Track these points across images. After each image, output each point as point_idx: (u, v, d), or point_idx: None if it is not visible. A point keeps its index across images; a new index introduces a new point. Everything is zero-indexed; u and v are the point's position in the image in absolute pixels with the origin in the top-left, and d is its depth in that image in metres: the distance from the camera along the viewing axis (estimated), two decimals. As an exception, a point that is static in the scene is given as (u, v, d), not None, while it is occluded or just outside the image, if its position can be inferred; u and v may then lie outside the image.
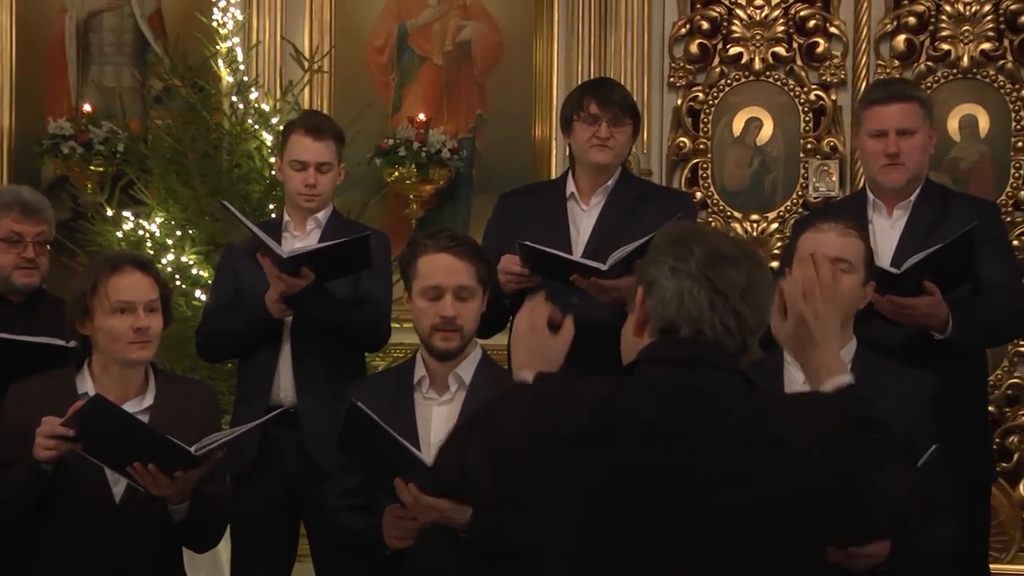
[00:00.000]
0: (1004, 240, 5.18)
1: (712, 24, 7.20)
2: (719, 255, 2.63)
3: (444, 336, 4.22)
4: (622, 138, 5.18)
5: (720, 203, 7.15)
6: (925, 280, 4.66)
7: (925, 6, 7.00)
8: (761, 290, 2.65)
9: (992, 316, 4.88)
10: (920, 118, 5.01)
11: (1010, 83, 6.90)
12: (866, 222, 5.02)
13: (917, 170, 5.02)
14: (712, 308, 2.61)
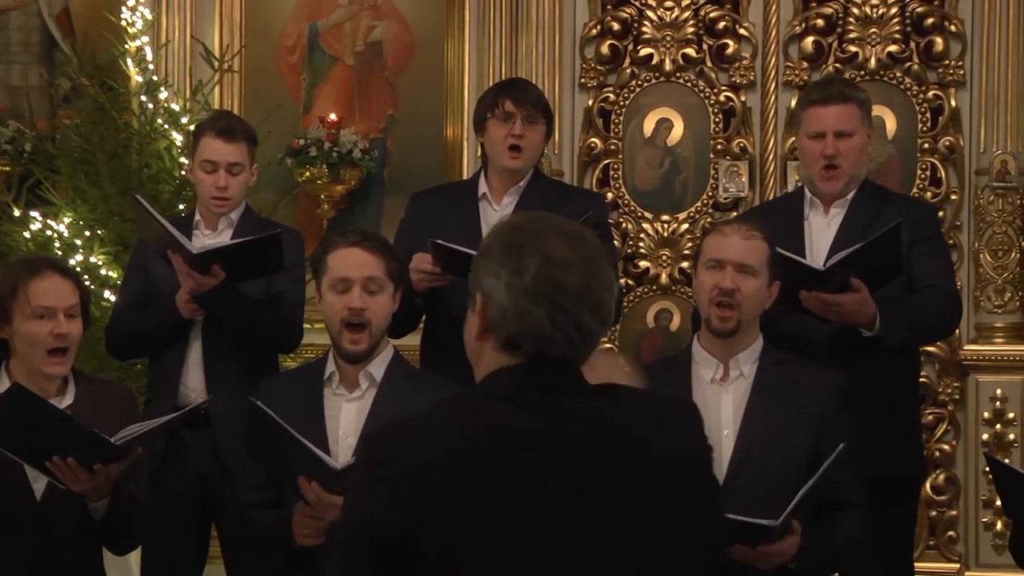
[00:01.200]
0: (939, 240, 5.20)
1: (623, 25, 7.23)
2: (554, 262, 2.55)
3: (353, 338, 4.22)
4: (535, 138, 5.19)
5: (631, 204, 7.18)
6: (852, 277, 4.70)
7: (833, 8, 7.06)
8: (600, 291, 2.57)
9: (922, 314, 4.92)
10: (858, 119, 5.04)
11: (916, 85, 6.97)
12: (802, 220, 5.06)
13: (854, 171, 5.04)
14: (554, 325, 2.53)
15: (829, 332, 4.78)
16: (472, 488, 2.49)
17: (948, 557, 6.85)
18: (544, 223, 2.63)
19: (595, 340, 2.60)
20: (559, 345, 2.55)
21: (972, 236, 6.89)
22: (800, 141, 5.14)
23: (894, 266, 4.78)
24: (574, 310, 2.55)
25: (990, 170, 6.80)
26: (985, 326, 6.82)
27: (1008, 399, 6.69)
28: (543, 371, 2.57)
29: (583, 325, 2.56)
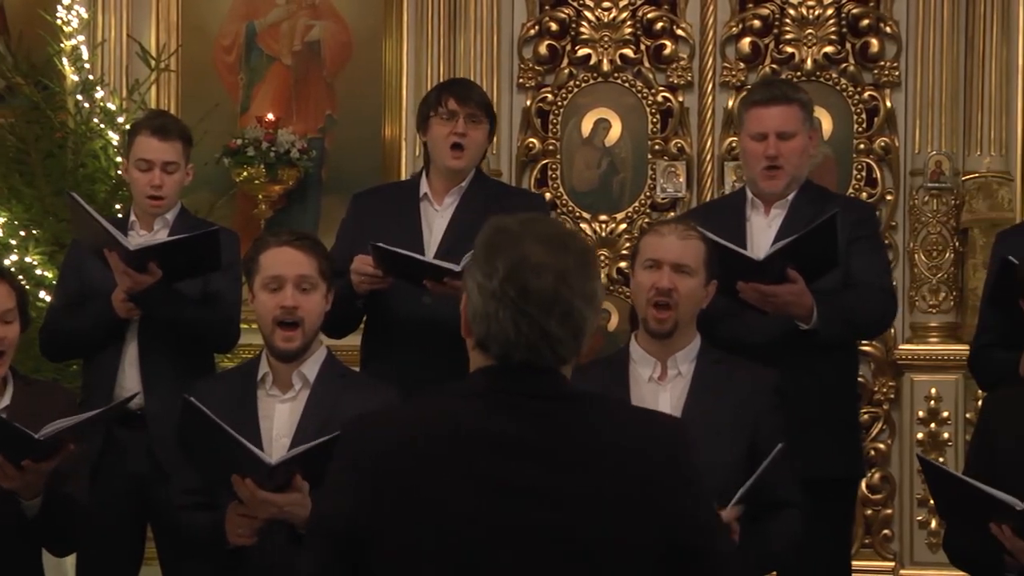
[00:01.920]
0: (877, 239, 5.24)
1: (561, 25, 7.24)
2: (525, 266, 2.54)
3: (286, 336, 4.22)
4: (478, 137, 5.19)
5: (569, 204, 7.19)
6: (789, 268, 4.72)
7: (769, 9, 7.10)
8: (571, 299, 2.56)
9: (859, 310, 4.95)
10: (800, 120, 5.05)
11: (852, 86, 7.02)
12: (744, 220, 5.07)
13: (796, 172, 5.06)
14: (517, 330, 2.54)
15: (767, 335, 4.81)
16: (427, 485, 2.51)
17: (883, 555, 6.89)
18: (530, 226, 2.62)
19: (564, 348, 2.58)
20: (522, 350, 2.56)
21: (907, 236, 6.94)
22: (742, 142, 5.16)
23: (830, 258, 4.81)
24: (539, 317, 2.54)
25: (925, 171, 6.85)
26: (920, 326, 6.87)
27: (942, 398, 6.74)
28: (514, 374, 2.58)
29: (549, 333, 2.55)
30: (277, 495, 3.95)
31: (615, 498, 2.53)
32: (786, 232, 4.93)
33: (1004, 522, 3.85)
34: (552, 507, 2.50)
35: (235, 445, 3.89)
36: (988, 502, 3.84)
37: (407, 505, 2.51)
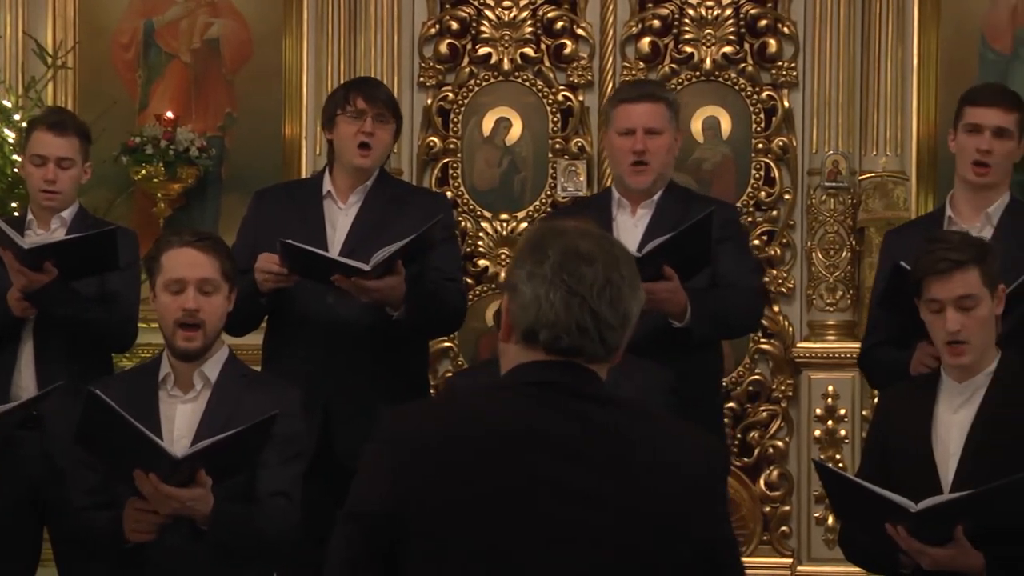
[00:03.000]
0: (743, 239, 5.33)
1: (462, 24, 7.24)
2: (575, 254, 2.60)
3: (186, 336, 4.20)
4: (385, 136, 5.20)
5: (470, 202, 7.20)
6: (664, 265, 4.76)
7: (669, 9, 7.13)
8: (621, 286, 2.61)
9: (729, 309, 5.02)
10: (667, 119, 5.11)
11: (751, 86, 7.07)
12: (610, 219, 5.10)
13: (662, 170, 5.11)
14: (568, 310, 2.57)
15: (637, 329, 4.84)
16: (466, 480, 2.54)
17: (781, 552, 6.95)
18: (573, 227, 2.68)
19: (613, 336, 2.62)
20: (572, 334, 2.59)
21: (804, 235, 6.99)
22: (609, 139, 5.21)
23: (703, 256, 4.87)
24: (590, 299, 2.59)
25: (822, 170, 6.91)
26: (817, 324, 6.93)
27: (840, 396, 6.80)
28: (561, 369, 2.61)
29: (599, 315, 2.59)
30: (180, 490, 3.93)
31: (650, 507, 2.55)
32: (653, 231, 4.98)
33: (899, 523, 3.90)
34: (591, 509, 2.53)
35: (139, 438, 3.87)
36: (883, 504, 3.89)
37: (444, 499, 2.54)
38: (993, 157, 4.84)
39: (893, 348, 4.85)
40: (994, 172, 4.88)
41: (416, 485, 2.55)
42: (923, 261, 4.14)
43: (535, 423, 2.57)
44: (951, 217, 4.95)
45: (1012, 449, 4.04)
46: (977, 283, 4.09)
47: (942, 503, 3.89)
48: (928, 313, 4.15)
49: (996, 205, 4.92)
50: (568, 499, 2.53)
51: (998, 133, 4.85)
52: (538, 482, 2.53)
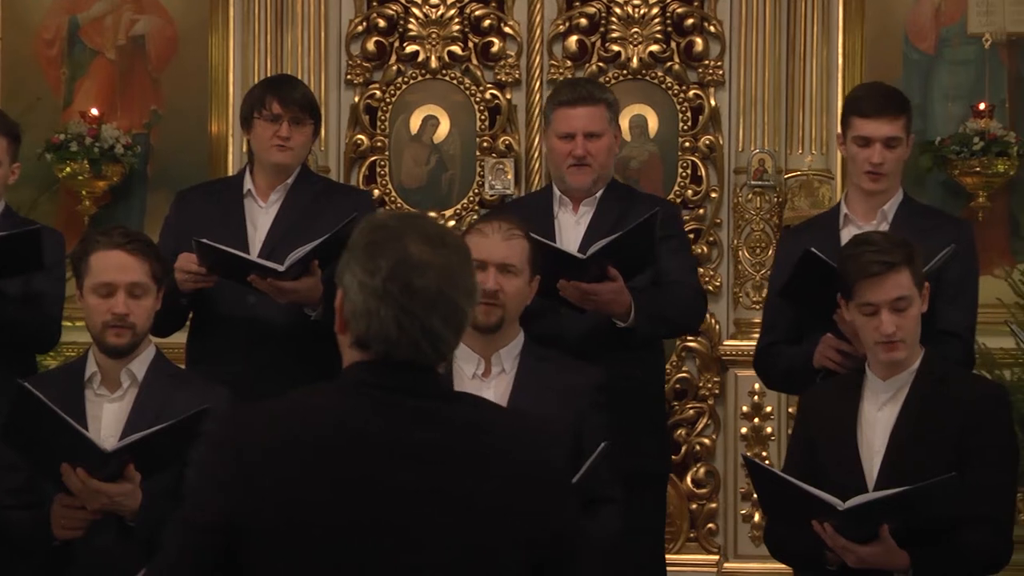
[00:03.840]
0: (683, 238, 5.34)
1: (389, 22, 7.22)
2: (408, 264, 2.55)
3: (116, 332, 4.18)
4: (302, 138, 5.19)
5: (398, 200, 7.18)
6: (608, 266, 4.77)
7: (596, 8, 7.15)
8: (455, 297, 2.57)
9: (672, 307, 5.04)
10: (606, 120, 5.13)
11: (677, 84, 7.09)
12: (552, 217, 5.12)
13: (602, 171, 5.13)
14: (400, 328, 2.53)
15: (581, 331, 4.86)
16: (304, 482, 2.50)
17: (708, 549, 6.98)
18: (411, 224, 2.62)
19: (446, 346, 2.59)
20: (404, 349, 2.55)
21: (731, 233, 7.03)
22: (549, 141, 5.22)
23: (647, 257, 4.89)
24: (423, 315, 2.54)
25: (748, 169, 6.95)
26: (744, 322, 6.97)
27: (766, 393, 6.82)
28: (393, 370, 2.57)
29: (432, 331, 2.55)
30: (109, 485, 3.91)
31: (492, 501, 2.54)
32: (595, 229, 5.00)
33: (826, 520, 3.93)
34: (430, 507, 2.51)
35: (68, 431, 3.85)
36: (812, 501, 3.93)
37: (283, 502, 2.50)
38: (885, 167, 4.88)
39: (788, 346, 4.90)
40: (886, 179, 4.92)
41: (253, 492, 2.51)
42: (854, 264, 4.15)
43: (375, 424, 2.54)
44: (847, 215, 5.00)
45: (935, 446, 4.09)
46: (909, 284, 4.13)
47: (869, 502, 3.92)
48: (860, 316, 4.17)
49: (891, 203, 4.96)
50: (412, 499, 2.51)
51: (888, 143, 4.88)
52: (381, 484, 2.50)
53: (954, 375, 4.27)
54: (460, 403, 2.63)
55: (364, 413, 2.55)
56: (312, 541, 2.50)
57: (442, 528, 2.51)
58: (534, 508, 2.57)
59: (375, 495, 2.50)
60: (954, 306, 4.79)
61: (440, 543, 2.51)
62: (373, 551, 2.49)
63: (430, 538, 2.51)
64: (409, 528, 2.50)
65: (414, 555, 2.50)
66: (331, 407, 2.58)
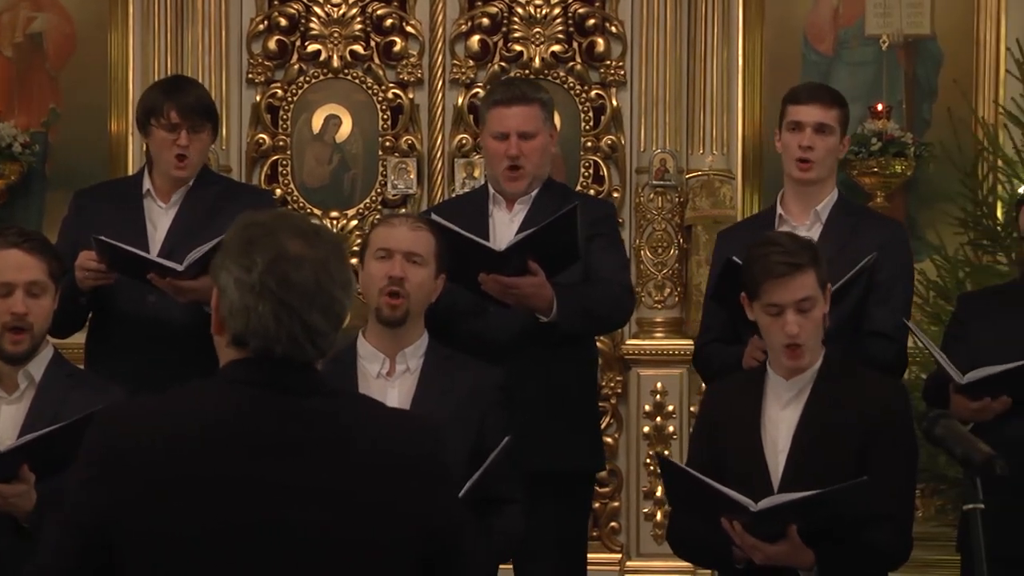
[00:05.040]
0: (615, 237, 5.34)
1: (290, 21, 7.20)
2: (284, 258, 2.54)
3: (14, 339, 4.15)
4: (201, 145, 5.18)
5: (300, 200, 7.16)
6: (530, 260, 4.78)
7: (498, 8, 7.16)
8: (332, 290, 2.57)
9: (597, 303, 5.04)
10: (541, 120, 5.12)
11: (579, 84, 7.12)
12: (487, 216, 5.13)
13: (537, 171, 5.13)
14: (278, 322, 2.52)
15: (508, 332, 4.87)
16: (181, 482, 2.48)
17: (610, 547, 7.01)
18: (282, 219, 2.62)
19: (326, 340, 2.58)
20: (283, 344, 2.54)
21: (633, 233, 7.06)
22: (484, 140, 5.22)
23: (570, 252, 4.89)
24: (300, 309, 2.53)
25: (650, 169, 6.98)
26: (646, 321, 7.00)
27: (668, 392, 6.87)
28: (272, 368, 2.56)
29: (310, 325, 2.54)
30: (2, 486, 3.88)
31: (371, 497, 2.53)
32: (528, 227, 5.00)
33: (736, 519, 3.96)
34: (308, 505, 2.49)
35: None
36: (724, 501, 3.95)
37: (155, 502, 2.48)
38: (815, 153, 4.93)
39: (725, 344, 4.93)
40: (817, 168, 4.96)
41: (125, 491, 2.49)
42: (759, 264, 4.17)
43: (250, 422, 2.53)
44: (782, 215, 5.03)
45: (838, 445, 4.12)
46: (814, 285, 4.15)
47: (781, 504, 3.95)
48: (765, 316, 4.18)
49: (825, 203, 5.00)
50: (290, 497, 2.50)
51: (819, 129, 4.93)
52: (257, 482, 2.49)
53: (856, 375, 4.31)
54: (337, 399, 2.62)
55: (239, 411, 2.53)
56: (185, 541, 2.48)
57: (322, 526, 2.50)
58: (414, 502, 2.56)
59: (251, 494, 2.49)
60: (885, 307, 4.84)
61: (320, 541, 2.50)
62: (251, 551, 2.48)
63: (310, 536, 2.49)
64: (287, 526, 2.49)
65: (294, 554, 2.49)
66: (206, 405, 2.56)
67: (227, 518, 2.48)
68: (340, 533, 2.51)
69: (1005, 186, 6.60)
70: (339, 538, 2.51)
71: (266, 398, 2.54)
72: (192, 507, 2.48)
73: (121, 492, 2.49)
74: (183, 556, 2.48)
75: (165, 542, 2.48)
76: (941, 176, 6.90)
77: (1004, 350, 4.66)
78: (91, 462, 2.54)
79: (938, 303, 6.45)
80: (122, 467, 2.50)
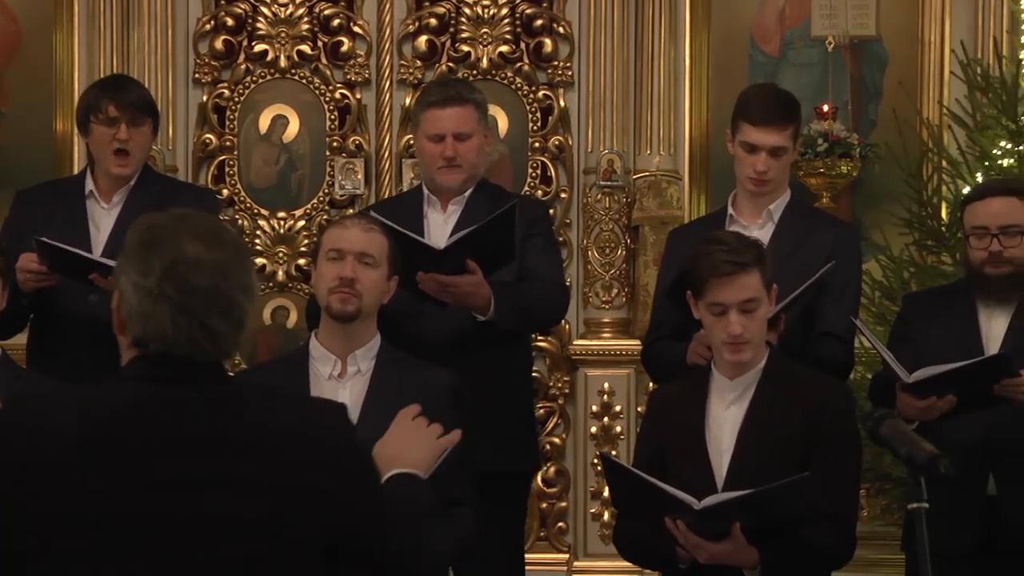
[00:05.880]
0: (551, 236, 5.38)
1: (237, 21, 7.17)
2: (181, 262, 2.54)
3: None
4: (141, 139, 5.16)
5: (247, 200, 7.14)
6: (468, 259, 4.79)
7: (446, 8, 7.15)
8: (231, 293, 2.56)
9: (534, 302, 5.06)
10: (476, 120, 5.14)
11: (527, 85, 7.12)
12: (422, 217, 5.13)
13: (472, 171, 5.15)
14: (176, 326, 2.52)
15: (447, 333, 4.87)
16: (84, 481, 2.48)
17: (558, 548, 7.02)
18: (182, 222, 2.60)
19: (227, 341, 2.58)
20: (183, 346, 2.54)
21: (581, 233, 7.08)
22: (419, 141, 5.23)
23: (507, 251, 4.90)
24: (200, 313, 2.53)
25: (597, 169, 7.00)
26: (593, 321, 7.01)
27: (615, 392, 6.89)
28: (174, 364, 2.55)
29: (210, 327, 2.54)
30: None
31: (283, 486, 2.53)
32: (463, 228, 5.00)
33: (680, 518, 3.97)
34: (218, 498, 2.50)
35: None
36: (667, 500, 3.96)
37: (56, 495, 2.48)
38: (769, 174, 4.93)
39: (672, 342, 4.94)
40: (772, 184, 4.97)
41: (27, 482, 2.49)
42: (704, 263, 4.17)
43: (149, 417, 2.53)
44: (732, 216, 5.04)
45: (782, 444, 4.14)
46: (758, 285, 4.16)
47: (724, 502, 3.96)
48: (709, 315, 4.20)
49: (777, 203, 5.01)
50: (195, 491, 2.50)
51: (774, 152, 4.92)
52: (157, 477, 2.49)
53: (799, 374, 4.33)
54: (244, 392, 2.63)
55: (141, 408, 2.53)
56: (87, 536, 2.48)
57: (229, 517, 2.50)
58: (317, 479, 2.56)
59: (149, 488, 2.48)
60: (836, 308, 4.86)
61: (228, 532, 2.50)
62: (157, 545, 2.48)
63: (217, 528, 2.50)
64: (195, 519, 2.49)
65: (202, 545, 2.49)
66: (107, 401, 2.56)
67: (124, 512, 2.48)
68: (254, 525, 2.51)
69: (949, 187, 6.64)
70: (253, 529, 2.51)
71: (166, 393, 2.54)
72: (89, 501, 2.47)
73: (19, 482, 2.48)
74: (91, 556, 2.47)
75: (70, 544, 2.47)
76: (886, 177, 6.93)
77: (949, 350, 4.69)
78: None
79: (883, 303, 6.48)
80: (20, 456, 2.50)
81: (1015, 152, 6.39)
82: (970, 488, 4.68)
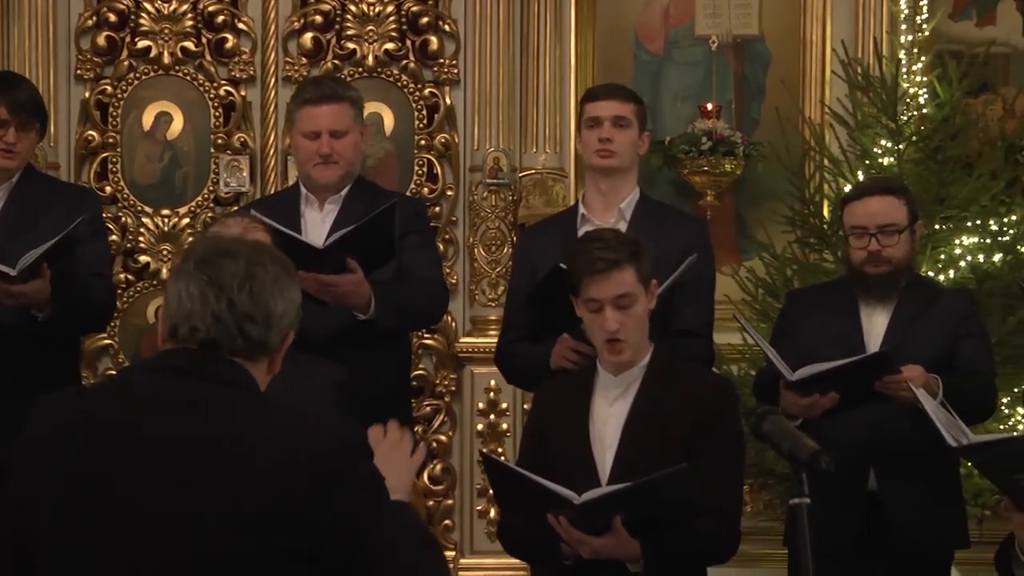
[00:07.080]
0: (427, 234, 5.39)
1: (120, 17, 7.11)
2: (218, 250, 2.66)
3: None
4: (28, 143, 5.15)
5: (130, 198, 7.08)
6: (348, 258, 4.79)
7: (331, 5, 7.13)
8: (264, 280, 2.64)
9: (412, 299, 5.08)
10: (351, 118, 5.15)
11: (413, 82, 7.12)
12: (298, 215, 5.12)
13: (349, 168, 5.16)
14: (204, 300, 2.60)
15: (328, 329, 4.86)
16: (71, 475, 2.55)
17: (444, 545, 7.02)
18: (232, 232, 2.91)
19: (254, 329, 2.63)
20: (208, 323, 2.60)
21: (467, 231, 7.08)
22: (295, 139, 5.22)
23: (387, 249, 4.92)
24: (228, 289, 2.61)
25: (483, 167, 7.01)
26: (480, 319, 7.03)
27: (501, 390, 6.89)
28: (189, 355, 2.62)
29: (237, 305, 2.61)
30: None
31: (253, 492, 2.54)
32: (340, 226, 5.03)
33: (561, 513, 3.99)
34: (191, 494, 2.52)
35: None
36: (548, 496, 3.98)
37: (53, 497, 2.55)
38: (614, 144, 5.00)
39: (528, 344, 4.97)
40: (619, 157, 5.02)
41: (30, 482, 2.58)
42: (580, 261, 4.22)
43: (143, 413, 2.57)
44: (584, 215, 5.09)
45: (666, 440, 4.17)
46: (633, 281, 4.20)
47: (603, 495, 3.99)
48: (587, 312, 4.24)
49: (627, 201, 5.07)
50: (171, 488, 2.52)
51: (617, 122, 5.01)
52: (141, 474, 2.53)
53: (683, 371, 4.37)
54: (244, 393, 2.64)
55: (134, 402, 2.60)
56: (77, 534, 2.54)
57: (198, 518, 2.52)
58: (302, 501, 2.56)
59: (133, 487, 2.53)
60: (692, 305, 4.91)
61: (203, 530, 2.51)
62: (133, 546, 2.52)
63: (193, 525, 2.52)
64: (167, 519, 2.52)
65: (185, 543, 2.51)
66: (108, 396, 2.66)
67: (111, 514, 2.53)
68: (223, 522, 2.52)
69: (831, 185, 6.71)
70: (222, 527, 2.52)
71: (168, 387, 2.59)
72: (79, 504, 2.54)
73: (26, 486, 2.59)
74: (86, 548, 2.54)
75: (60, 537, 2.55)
76: (770, 175, 7.00)
77: (831, 347, 4.76)
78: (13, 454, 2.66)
79: (767, 300, 6.54)
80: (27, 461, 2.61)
81: (895, 151, 6.47)
82: (851, 484, 4.75)
